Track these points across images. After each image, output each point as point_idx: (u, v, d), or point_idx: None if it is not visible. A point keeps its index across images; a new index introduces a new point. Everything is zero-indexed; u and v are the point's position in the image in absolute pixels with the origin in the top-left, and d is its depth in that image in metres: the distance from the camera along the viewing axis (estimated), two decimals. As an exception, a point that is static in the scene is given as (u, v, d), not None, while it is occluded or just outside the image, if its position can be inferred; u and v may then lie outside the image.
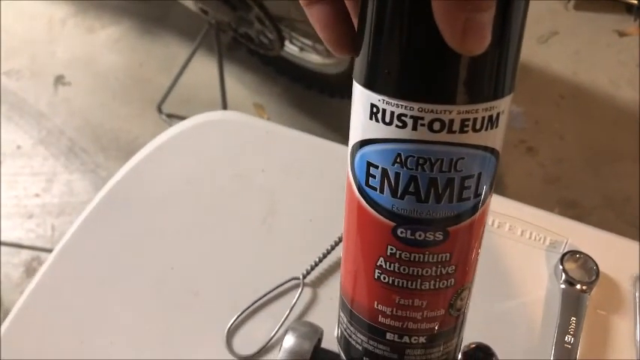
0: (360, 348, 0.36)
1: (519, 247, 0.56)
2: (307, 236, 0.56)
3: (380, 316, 0.33)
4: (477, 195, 0.30)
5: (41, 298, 0.53)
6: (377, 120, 0.28)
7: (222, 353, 0.50)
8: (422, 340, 0.34)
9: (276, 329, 0.51)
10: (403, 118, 0.27)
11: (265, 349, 0.50)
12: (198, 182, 0.60)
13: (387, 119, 0.27)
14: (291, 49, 1.54)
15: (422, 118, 0.27)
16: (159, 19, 1.93)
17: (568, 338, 0.50)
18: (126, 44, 1.88)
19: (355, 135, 0.30)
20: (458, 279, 0.32)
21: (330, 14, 0.29)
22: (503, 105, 0.28)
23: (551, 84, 1.75)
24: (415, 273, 0.31)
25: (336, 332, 0.38)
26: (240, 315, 0.51)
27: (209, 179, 0.60)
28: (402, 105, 0.27)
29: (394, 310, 0.33)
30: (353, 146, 0.31)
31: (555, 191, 1.52)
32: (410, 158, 0.28)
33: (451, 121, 0.27)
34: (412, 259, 0.31)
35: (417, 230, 0.30)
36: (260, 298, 0.52)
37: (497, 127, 0.28)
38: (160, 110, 1.63)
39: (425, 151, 0.28)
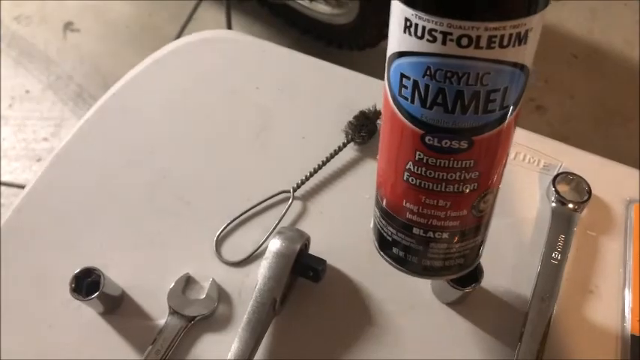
0: (390, 239, 0.39)
1: (513, 168, 0.56)
2: (299, 152, 0.56)
3: (408, 213, 0.36)
4: (503, 107, 0.31)
5: (37, 200, 0.53)
6: (410, 34, 0.30)
7: (211, 259, 0.50)
8: (445, 235, 0.37)
9: (264, 237, 0.51)
10: (433, 32, 0.28)
11: (253, 255, 0.50)
12: (193, 96, 0.60)
13: (419, 33, 0.29)
14: (300, -1, 1.52)
15: (450, 34, 0.28)
16: (169, -32, 1.91)
17: (555, 255, 0.50)
18: (136, -7, 1.86)
19: (391, 47, 0.32)
20: (481, 183, 0.35)
21: None
22: (533, 22, 0.29)
23: (565, 43, 1.72)
24: (440, 177, 0.34)
25: (371, 223, 0.42)
26: (229, 223, 0.52)
27: (204, 94, 0.60)
28: (432, 20, 0.28)
29: (420, 208, 0.36)
30: (389, 58, 0.32)
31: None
32: (439, 71, 0.30)
33: (478, 37, 0.28)
34: (438, 164, 0.33)
35: (444, 138, 0.32)
36: (250, 209, 0.53)
37: (525, 43, 0.29)
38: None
39: (453, 65, 0.29)
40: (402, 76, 0.32)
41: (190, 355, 0.46)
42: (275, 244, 0.46)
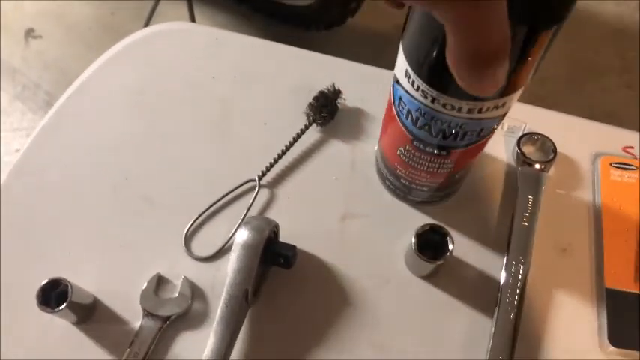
0: (385, 178, 0.52)
1: (477, 135, 0.55)
2: (262, 139, 0.55)
3: (397, 171, 0.48)
4: (480, 137, 0.40)
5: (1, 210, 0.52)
6: (409, 82, 0.37)
7: (181, 256, 0.50)
8: (425, 188, 0.49)
9: (233, 229, 0.50)
10: (425, 92, 0.36)
11: (223, 249, 0.50)
12: (149, 91, 0.59)
13: (415, 87, 0.37)
14: (263, -16, 1.50)
15: (438, 100, 0.36)
16: (127, -35, 1.87)
17: (525, 216, 0.50)
18: (96, -6, 1.83)
19: (397, 71, 0.39)
20: (455, 167, 0.45)
21: None
22: (511, 99, 0.36)
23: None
24: (421, 163, 0.45)
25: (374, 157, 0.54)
26: (197, 218, 0.51)
27: (160, 88, 0.59)
28: (425, 86, 0.36)
29: (407, 172, 0.47)
30: (394, 75, 0.40)
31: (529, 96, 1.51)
32: (427, 114, 0.38)
33: (460, 107, 0.36)
34: (421, 157, 0.44)
35: (427, 146, 0.42)
36: (217, 201, 0.52)
37: (503, 107, 0.36)
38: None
39: (438, 116, 0.37)
40: (401, 99, 0.39)
41: (169, 355, 0.45)
42: (242, 236, 0.45)
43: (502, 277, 0.47)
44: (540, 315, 0.47)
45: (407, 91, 0.38)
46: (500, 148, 0.55)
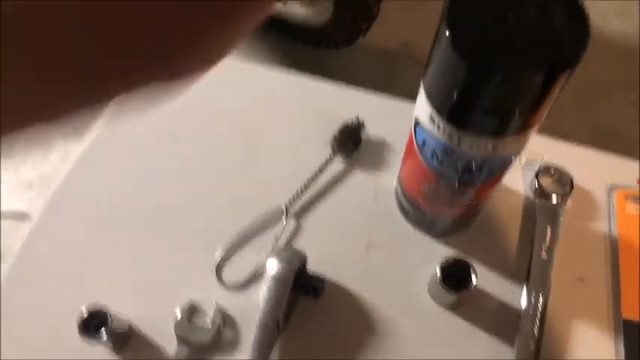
0: (407, 210, 0.54)
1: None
2: (288, 169, 0.57)
3: (421, 205, 0.51)
4: (500, 168, 0.43)
5: (39, 239, 0.54)
6: (434, 125, 0.39)
7: (212, 284, 0.51)
8: (446, 220, 0.52)
9: (263, 258, 0.52)
10: (451, 134, 0.38)
11: (254, 277, 0.52)
12: (177, 123, 0.61)
13: (441, 130, 0.39)
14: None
15: (463, 140, 0.38)
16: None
17: (544, 248, 0.51)
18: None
19: (421, 115, 0.40)
20: (478, 201, 0.48)
21: None
22: (531, 132, 0.38)
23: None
24: (444, 197, 0.47)
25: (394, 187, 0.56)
26: (228, 247, 0.53)
27: (188, 120, 0.61)
28: (451, 128, 0.38)
29: (430, 206, 0.50)
30: (416, 118, 0.42)
31: (542, 126, 1.53)
32: (452, 153, 0.40)
33: (485, 144, 0.38)
34: (444, 192, 0.46)
35: (451, 182, 0.44)
36: (246, 230, 0.54)
37: (522, 143, 0.39)
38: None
39: (463, 154, 0.39)
40: (424, 141, 0.41)
41: (202, 382, 0.47)
42: (273, 267, 0.47)
43: (522, 306, 0.49)
44: (560, 345, 0.49)
45: (431, 134, 0.40)
46: (517, 180, 0.57)
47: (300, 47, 1.61)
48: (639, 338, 0.48)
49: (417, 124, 0.41)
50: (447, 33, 0.31)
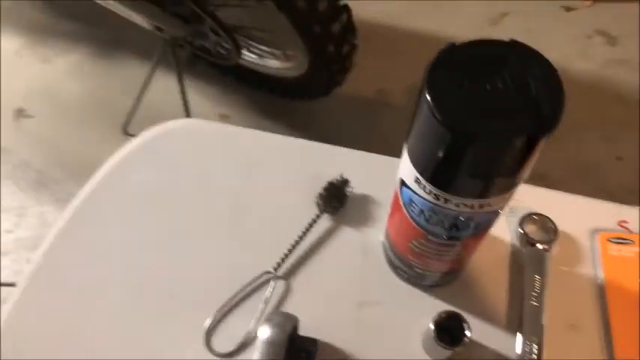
0: (396, 265, 0.54)
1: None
2: (274, 231, 0.57)
3: (410, 261, 0.51)
4: (487, 223, 0.44)
5: (21, 316, 0.53)
6: (420, 187, 0.39)
7: (202, 354, 0.50)
8: (436, 273, 0.52)
9: (253, 324, 0.52)
10: (437, 195, 0.39)
11: (244, 344, 0.51)
12: (162, 190, 0.60)
13: (427, 191, 0.39)
14: (249, 56, 1.55)
15: (450, 200, 0.38)
16: (114, 41, 1.92)
17: (534, 296, 0.52)
18: (84, 70, 1.86)
19: (406, 176, 0.41)
20: (466, 254, 0.49)
21: None
22: (511, 195, 0.40)
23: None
24: (433, 252, 0.47)
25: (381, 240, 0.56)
26: (216, 314, 0.52)
27: (172, 186, 0.61)
28: (438, 190, 0.38)
29: (419, 261, 0.50)
30: (400, 180, 0.42)
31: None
32: (439, 213, 0.40)
33: (472, 204, 0.38)
34: (432, 247, 0.46)
35: (439, 238, 0.44)
36: (235, 295, 0.53)
37: (510, 197, 0.40)
38: (126, 132, 1.62)
39: (451, 213, 0.40)
40: (412, 200, 0.42)
41: None
42: (265, 333, 0.46)
43: (517, 355, 0.49)
44: (558, 394, 0.48)
45: (418, 195, 0.40)
46: (502, 227, 0.57)
47: (276, 99, 1.64)
48: (636, 383, 0.48)
49: (402, 184, 0.42)
50: (430, 102, 0.32)
